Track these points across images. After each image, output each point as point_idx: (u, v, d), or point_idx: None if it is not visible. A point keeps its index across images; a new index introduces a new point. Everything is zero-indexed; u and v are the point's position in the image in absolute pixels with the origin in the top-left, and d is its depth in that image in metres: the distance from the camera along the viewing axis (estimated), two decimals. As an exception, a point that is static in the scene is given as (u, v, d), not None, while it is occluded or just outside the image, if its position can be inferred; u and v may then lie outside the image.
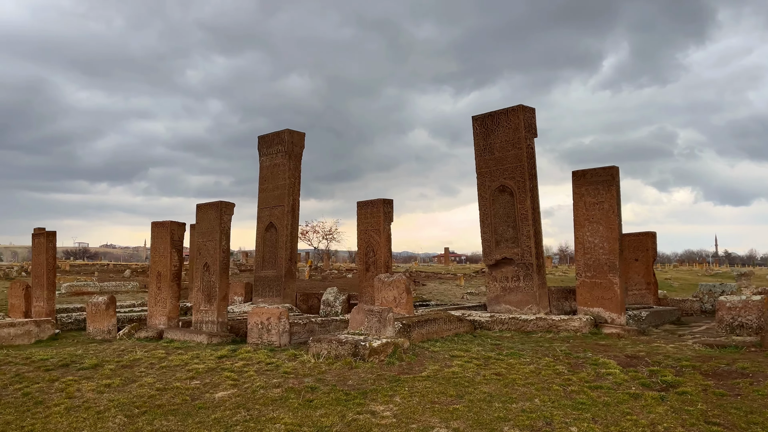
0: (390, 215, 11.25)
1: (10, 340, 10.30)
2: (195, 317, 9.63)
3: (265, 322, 8.28)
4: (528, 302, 9.45)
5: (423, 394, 5.61)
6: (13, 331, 10.40)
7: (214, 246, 9.44)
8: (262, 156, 13.64)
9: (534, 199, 9.57)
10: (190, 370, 6.81)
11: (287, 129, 13.09)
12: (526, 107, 9.73)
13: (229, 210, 9.54)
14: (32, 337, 10.64)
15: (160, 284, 10.06)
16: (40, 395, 6.05)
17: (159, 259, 10.13)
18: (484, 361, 6.84)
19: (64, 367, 7.27)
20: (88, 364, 7.27)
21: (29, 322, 10.70)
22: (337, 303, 11.93)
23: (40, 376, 6.80)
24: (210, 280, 9.43)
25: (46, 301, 12.18)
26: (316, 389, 5.88)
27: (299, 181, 13.17)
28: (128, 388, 6.20)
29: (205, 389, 6.06)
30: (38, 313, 12.32)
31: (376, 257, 11.21)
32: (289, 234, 12.86)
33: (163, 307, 9.97)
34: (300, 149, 13.28)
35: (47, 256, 12.23)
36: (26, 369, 7.20)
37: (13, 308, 13.27)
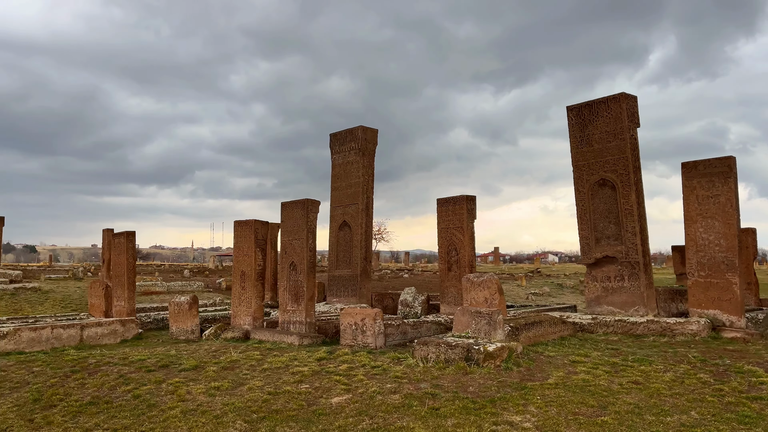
0: (473, 212, 10.80)
1: (98, 340, 10.37)
2: (282, 317, 9.42)
3: (359, 323, 7.96)
4: (634, 303, 8.82)
5: (560, 403, 5.15)
6: (100, 331, 10.47)
7: (300, 245, 9.21)
8: (334, 154, 13.41)
9: (639, 192, 8.93)
10: (295, 373, 6.55)
11: (360, 126, 12.80)
12: (628, 95, 9.10)
13: (315, 208, 9.30)
14: (118, 336, 10.70)
15: (244, 284, 9.91)
16: (151, 398, 5.89)
17: (242, 259, 9.99)
18: (611, 367, 6.31)
19: (164, 368, 7.15)
20: (188, 366, 7.12)
21: (115, 322, 10.77)
22: (416, 303, 11.56)
23: (145, 377, 6.67)
24: (297, 280, 9.20)
25: (127, 301, 12.27)
26: (437, 396, 5.50)
27: (372, 178, 12.88)
28: (238, 391, 5.97)
29: (317, 394, 5.77)
30: (119, 313, 12.43)
31: (459, 256, 10.77)
32: (364, 233, 12.58)
33: (247, 307, 9.81)
34: (373, 146, 12.98)
35: (127, 256, 12.32)
36: (127, 370, 7.10)
37: (93, 307, 13.48)
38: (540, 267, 45.47)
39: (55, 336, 9.79)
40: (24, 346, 9.38)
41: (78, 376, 6.84)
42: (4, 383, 6.72)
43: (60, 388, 6.39)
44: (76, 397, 6.07)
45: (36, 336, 9.56)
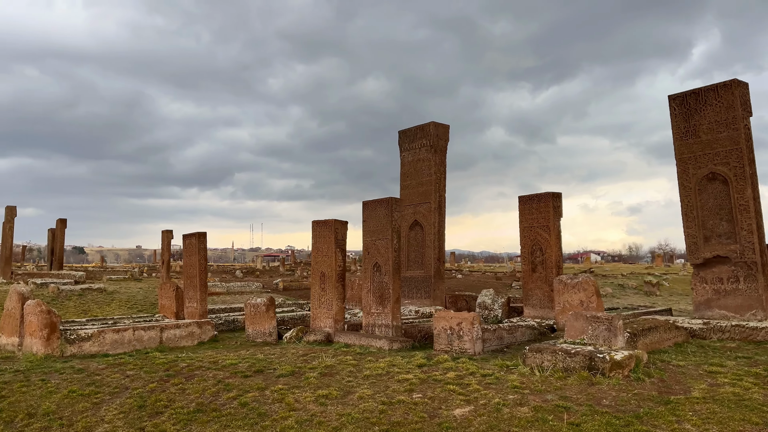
0: (559, 210, 10.24)
1: (176, 342, 10.29)
2: (365, 320, 9.09)
3: (455, 328, 7.55)
4: (750, 307, 8.12)
5: (719, 420, 4.60)
6: (178, 333, 10.39)
7: (385, 245, 8.86)
8: (403, 151, 13.05)
9: (755, 187, 8.22)
10: (400, 381, 6.18)
11: (432, 122, 12.40)
12: (741, 81, 8.40)
13: (399, 207, 8.93)
14: (195, 338, 10.61)
15: (324, 285, 9.63)
16: (259, 406, 5.62)
17: (322, 259, 9.71)
18: (756, 378, 5.70)
19: (259, 373, 6.89)
20: (284, 371, 6.84)
21: (192, 324, 10.67)
22: (495, 306, 11.06)
23: (244, 383, 6.42)
24: (382, 281, 8.85)
25: (199, 303, 12.19)
26: (571, 409, 5.02)
27: (445, 176, 12.45)
28: (349, 400, 5.64)
29: (435, 405, 5.38)
30: (191, 314, 12.38)
31: (544, 256, 10.22)
32: (437, 232, 12.17)
33: (328, 309, 9.53)
34: (445, 142, 12.56)
35: (199, 257, 12.24)
36: (222, 375, 6.88)
37: (164, 309, 13.49)
38: (592, 267, 44.09)
39: (137, 338, 9.74)
40: (108, 348, 9.35)
41: (175, 381, 6.65)
42: (103, 388, 6.59)
43: (161, 394, 6.20)
44: (180, 404, 5.86)
45: (119, 338, 9.52)
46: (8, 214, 20.95)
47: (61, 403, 6.15)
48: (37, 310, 8.87)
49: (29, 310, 9.05)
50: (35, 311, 8.90)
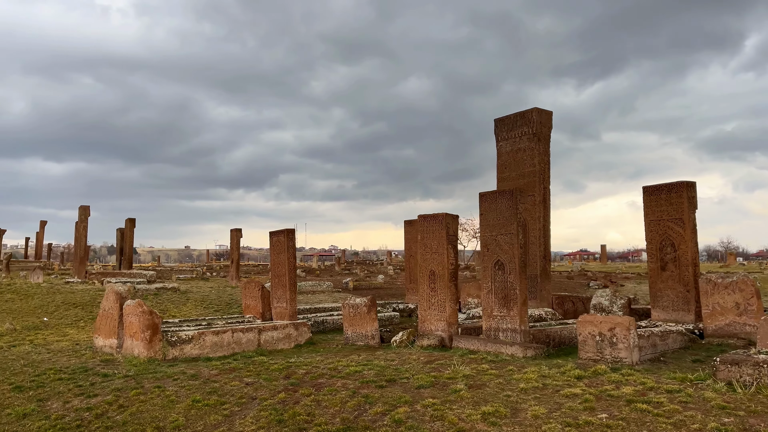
0: (694, 201, 9.13)
1: (273, 344, 9.72)
2: (486, 324, 8.25)
3: (606, 334, 6.61)
4: None
5: None
6: (276, 335, 9.82)
7: (508, 240, 8.00)
8: (501, 141, 12.15)
9: None
10: (569, 396, 5.31)
11: (535, 108, 11.45)
12: None
13: (523, 198, 8.04)
14: (291, 341, 10.02)
15: (434, 285, 8.85)
16: (419, 424, 4.87)
17: (431, 257, 8.93)
18: None
19: (391, 383, 6.16)
20: (423, 382, 6.08)
21: (289, 326, 10.09)
22: (614, 308, 10.03)
23: (384, 395, 5.70)
24: (505, 281, 7.99)
25: (289, 303, 11.63)
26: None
27: (549, 166, 11.50)
28: (522, 419, 4.82)
29: (636, 429, 4.49)
30: (280, 315, 11.84)
31: (677, 253, 9.14)
32: (542, 228, 11.25)
33: (440, 311, 8.74)
34: (548, 130, 11.60)
35: (288, 255, 11.68)
36: (353, 384, 6.18)
37: (248, 309, 13.04)
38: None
39: (235, 340, 9.21)
40: (208, 351, 8.85)
41: (305, 392, 5.98)
42: (227, 397, 6.00)
43: (296, 407, 5.55)
44: (323, 419, 5.18)
45: (218, 340, 9.01)
46: (82, 213, 21.13)
47: (189, 414, 5.58)
48: (138, 311, 8.44)
49: (129, 311, 8.63)
50: (136, 312, 8.47)
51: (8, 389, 6.91)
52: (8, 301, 16.32)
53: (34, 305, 15.88)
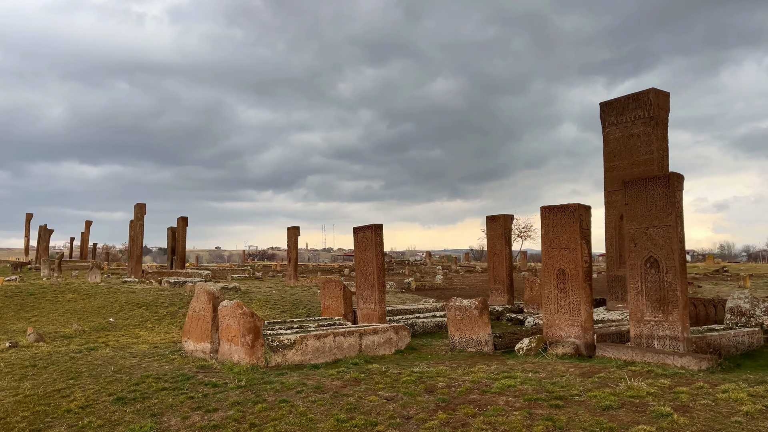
0: None
1: (374, 350, 8.83)
2: (635, 330, 7.19)
3: (813, 344, 5.48)
4: None
5: None
6: (377, 339, 8.92)
7: (663, 234, 6.92)
8: (608, 126, 11.04)
9: None
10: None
11: (652, 88, 10.31)
12: None
13: (680, 185, 6.96)
14: (392, 346, 9.11)
15: (563, 285, 7.82)
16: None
17: (560, 254, 7.90)
18: None
19: (561, 400, 5.17)
20: (604, 402, 5.06)
21: (389, 329, 9.18)
22: (757, 311, 8.84)
23: (571, 419, 4.70)
24: (660, 281, 6.91)
25: (378, 304, 10.76)
26: None
27: (668, 153, 10.35)
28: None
29: None
30: (367, 317, 10.96)
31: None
32: (661, 222, 10.09)
33: (572, 315, 7.70)
34: (666, 113, 10.45)
35: (376, 252, 10.81)
36: (516, 402, 5.21)
37: (328, 310, 12.21)
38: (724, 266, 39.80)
39: (337, 345, 8.35)
40: (310, 357, 8.00)
41: (467, 411, 5.03)
42: (373, 416, 5.09)
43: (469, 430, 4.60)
44: (517, 450, 4.22)
45: (320, 345, 8.15)
46: (138, 211, 20.69)
47: (342, 438, 4.69)
48: (238, 313, 7.63)
49: (227, 313, 7.84)
50: (235, 314, 7.67)
51: (110, 401, 6.15)
52: (71, 301, 15.88)
53: (97, 305, 15.39)
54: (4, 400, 6.44)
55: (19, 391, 6.75)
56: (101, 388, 6.64)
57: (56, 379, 7.23)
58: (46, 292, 16.59)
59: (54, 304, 15.39)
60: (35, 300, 15.70)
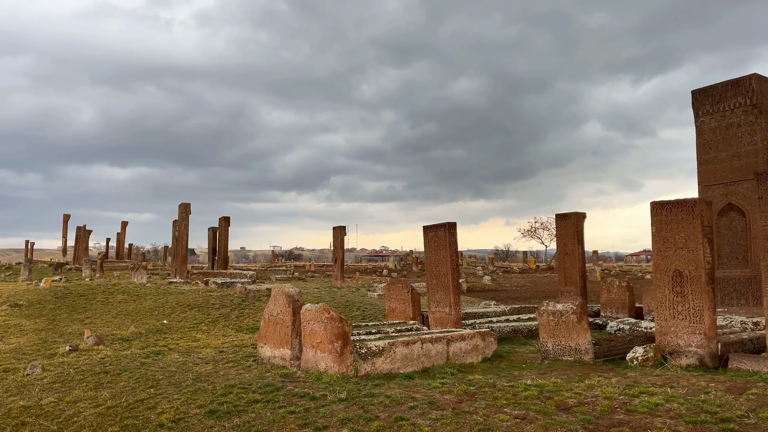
0: None
1: (461, 357, 8.19)
2: (774, 339, 6.39)
3: None
4: None
5: None
6: (464, 346, 8.28)
7: (809, 231, 6.12)
8: (702, 116, 10.21)
9: None
10: None
11: (754, 74, 9.44)
12: None
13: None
14: (479, 353, 8.46)
15: (681, 289, 7.06)
16: None
17: (676, 254, 7.15)
18: None
19: (726, 422, 4.45)
20: (791, 425, 4.35)
21: (476, 335, 8.52)
22: None
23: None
24: (806, 284, 6.11)
25: (453, 307, 10.12)
26: None
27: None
28: None
29: None
30: (440, 321, 10.33)
31: None
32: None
33: (693, 321, 6.95)
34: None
35: (450, 252, 10.16)
36: (675, 423, 4.52)
37: (394, 313, 11.61)
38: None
39: (425, 352, 7.73)
40: (399, 365, 7.40)
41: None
42: (516, 439, 4.44)
43: (645, 461, 3.93)
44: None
45: (408, 352, 7.54)
46: (183, 211, 20.41)
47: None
48: (324, 317, 7.06)
49: (311, 317, 7.28)
50: (321, 318, 7.10)
51: (202, 414, 5.63)
52: (121, 302, 15.58)
53: (149, 307, 15.05)
54: (86, 411, 5.98)
55: (98, 401, 6.29)
56: (187, 399, 6.13)
57: (134, 388, 6.76)
58: (96, 293, 16.34)
59: (105, 306, 15.11)
60: (86, 301, 15.44)
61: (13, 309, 14.09)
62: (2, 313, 13.60)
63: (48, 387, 7.07)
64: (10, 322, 12.87)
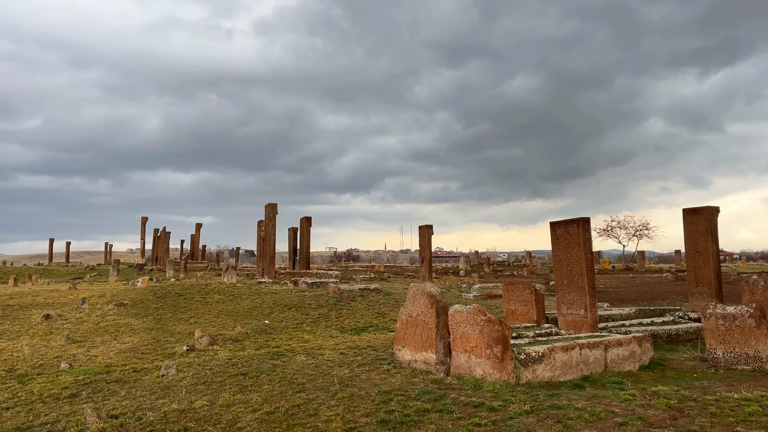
0: None
1: (619, 365, 7.42)
2: None
3: None
4: None
5: None
6: (620, 353, 7.51)
7: None
8: None
9: None
10: None
11: None
12: None
13: None
14: (636, 360, 7.66)
15: None
16: None
17: None
18: None
19: None
20: None
21: (632, 341, 7.74)
22: None
23: None
24: None
25: (589, 309, 9.33)
26: None
27: None
28: None
29: None
30: (574, 325, 9.58)
31: None
32: None
33: None
34: None
35: (584, 250, 9.39)
36: None
37: (514, 315, 10.93)
38: None
39: (583, 359, 7.03)
40: (558, 373, 6.74)
41: None
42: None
43: None
44: None
45: (567, 359, 6.87)
46: (269, 211, 20.44)
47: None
48: (480, 320, 6.50)
49: (462, 319, 6.74)
50: (476, 321, 6.55)
51: (373, 424, 5.19)
52: (219, 302, 15.63)
53: (247, 307, 15.00)
54: (244, 417, 5.66)
55: (252, 405, 5.98)
56: (348, 406, 5.71)
57: (282, 392, 6.43)
58: (193, 293, 16.49)
59: (204, 305, 15.18)
60: (185, 301, 15.58)
61: (119, 308, 14.35)
62: (110, 312, 13.85)
63: (191, 389, 6.86)
64: (120, 321, 13.06)
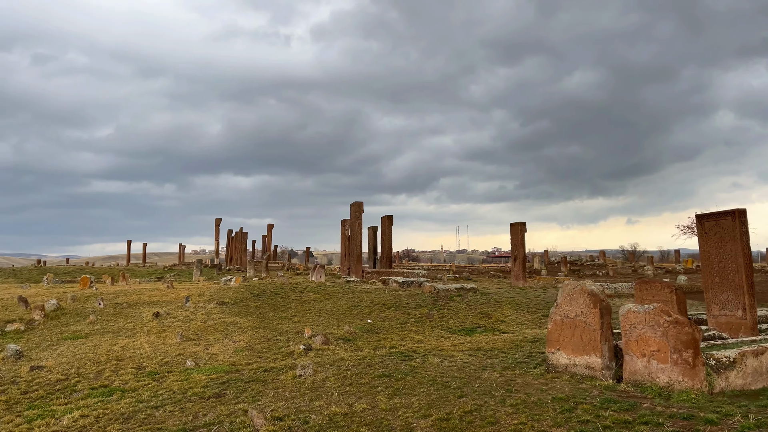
0: None
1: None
2: None
3: None
4: None
5: None
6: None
7: None
8: None
9: None
10: None
11: None
12: None
13: None
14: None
15: None
16: None
17: None
18: None
19: None
20: None
21: (822, 345, 6.87)
22: None
23: None
24: None
25: (747, 310, 8.45)
26: None
27: None
28: None
29: None
30: (727, 326, 8.71)
31: None
32: None
33: None
34: None
35: (740, 245, 8.49)
36: None
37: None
38: None
39: (766, 365, 6.24)
40: (749, 380, 6.00)
41: None
42: None
43: None
44: None
45: (757, 365, 6.11)
46: (355, 210, 20.26)
47: None
48: (663, 321, 5.86)
49: (639, 320, 6.11)
50: (658, 322, 5.90)
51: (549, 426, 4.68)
52: (315, 301, 15.51)
53: (344, 306, 14.78)
54: (416, 422, 5.27)
55: (419, 410, 5.59)
56: (529, 414, 5.22)
57: (442, 396, 6.02)
58: (288, 292, 16.48)
59: (302, 304, 15.09)
60: (282, 300, 15.55)
61: (221, 306, 14.46)
62: (215, 311, 13.96)
63: (341, 390, 6.57)
64: (227, 320, 13.10)
